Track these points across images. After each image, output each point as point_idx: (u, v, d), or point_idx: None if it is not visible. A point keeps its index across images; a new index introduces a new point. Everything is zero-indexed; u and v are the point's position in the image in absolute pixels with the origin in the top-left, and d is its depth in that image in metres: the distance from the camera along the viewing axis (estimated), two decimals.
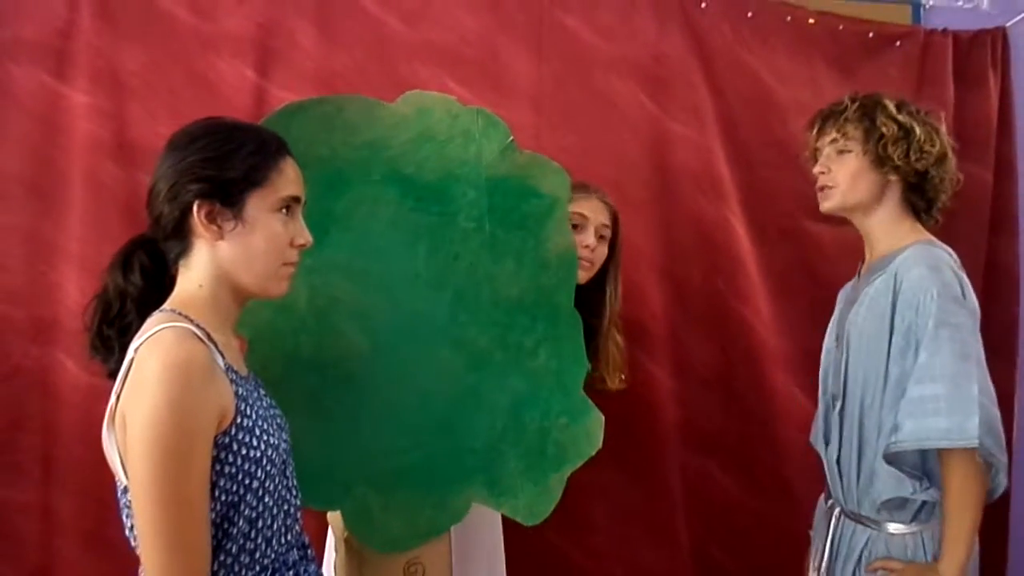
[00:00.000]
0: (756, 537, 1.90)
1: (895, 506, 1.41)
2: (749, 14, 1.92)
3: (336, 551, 1.40)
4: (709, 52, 1.90)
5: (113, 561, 1.58)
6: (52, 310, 1.64)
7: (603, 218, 1.57)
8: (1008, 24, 2.01)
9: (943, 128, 1.49)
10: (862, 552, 1.44)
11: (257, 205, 1.04)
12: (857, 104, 1.49)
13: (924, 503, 1.40)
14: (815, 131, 1.54)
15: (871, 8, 2.01)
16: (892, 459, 1.38)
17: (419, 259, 1.34)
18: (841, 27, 1.95)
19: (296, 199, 1.09)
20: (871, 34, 1.96)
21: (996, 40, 1.99)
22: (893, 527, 1.42)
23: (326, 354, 1.32)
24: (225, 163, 1.03)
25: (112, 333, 1.06)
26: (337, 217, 1.32)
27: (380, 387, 1.33)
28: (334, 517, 1.41)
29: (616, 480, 1.85)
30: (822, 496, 1.60)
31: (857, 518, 1.46)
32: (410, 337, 1.34)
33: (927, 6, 2.07)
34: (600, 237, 1.57)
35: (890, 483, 1.40)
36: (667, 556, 1.92)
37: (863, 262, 1.55)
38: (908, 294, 1.37)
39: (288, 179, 1.07)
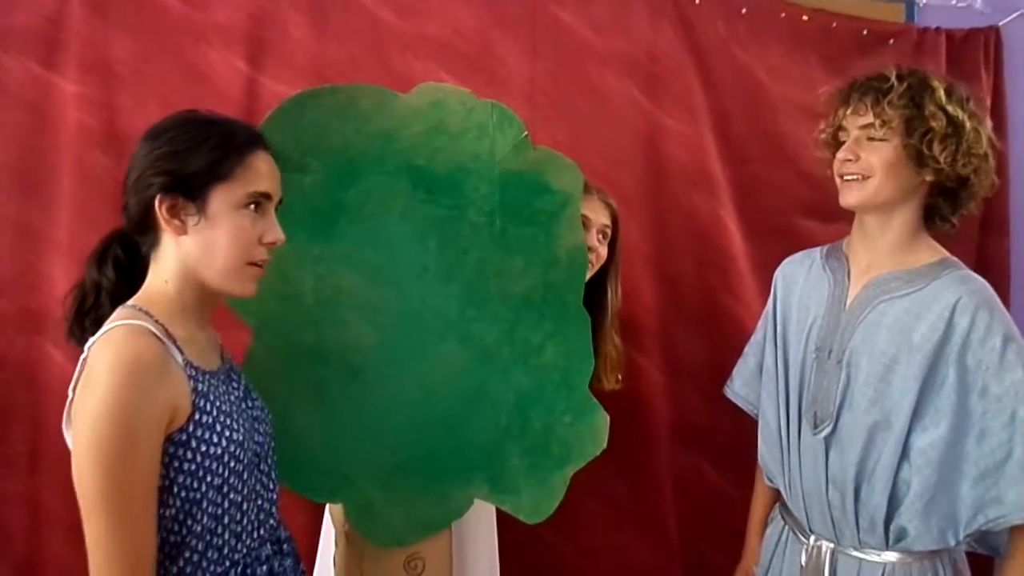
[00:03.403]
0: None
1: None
2: (743, 10, 1.92)
3: (336, 544, 1.39)
4: (702, 48, 1.90)
5: None
6: (40, 300, 1.62)
7: (604, 219, 1.57)
8: (1001, 23, 2.03)
9: (988, 122, 1.31)
10: None
11: (221, 200, 1.03)
12: (904, 84, 1.25)
13: None
14: (848, 109, 1.30)
15: (865, 6, 2.02)
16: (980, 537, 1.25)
17: (428, 252, 1.33)
18: (834, 24, 1.95)
19: (266, 195, 1.07)
20: (864, 32, 1.96)
21: (989, 39, 2.01)
22: (911, 554, 1.27)
23: (332, 345, 1.31)
24: (187, 157, 1.02)
25: (87, 324, 1.06)
26: (347, 207, 1.31)
27: (385, 380, 1.33)
28: (335, 510, 1.40)
29: (606, 475, 1.85)
30: (777, 529, 1.48)
31: (859, 551, 1.31)
32: (417, 331, 1.33)
33: (920, 4, 2.07)
34: (601, 238, 1.57)
35: (928, 538, 1.25)
36: (657, 552, 1.92)
37: (845, 260, 1.39)
38: (975, 342, 1.21)
39: (257, 174, 1.05)
